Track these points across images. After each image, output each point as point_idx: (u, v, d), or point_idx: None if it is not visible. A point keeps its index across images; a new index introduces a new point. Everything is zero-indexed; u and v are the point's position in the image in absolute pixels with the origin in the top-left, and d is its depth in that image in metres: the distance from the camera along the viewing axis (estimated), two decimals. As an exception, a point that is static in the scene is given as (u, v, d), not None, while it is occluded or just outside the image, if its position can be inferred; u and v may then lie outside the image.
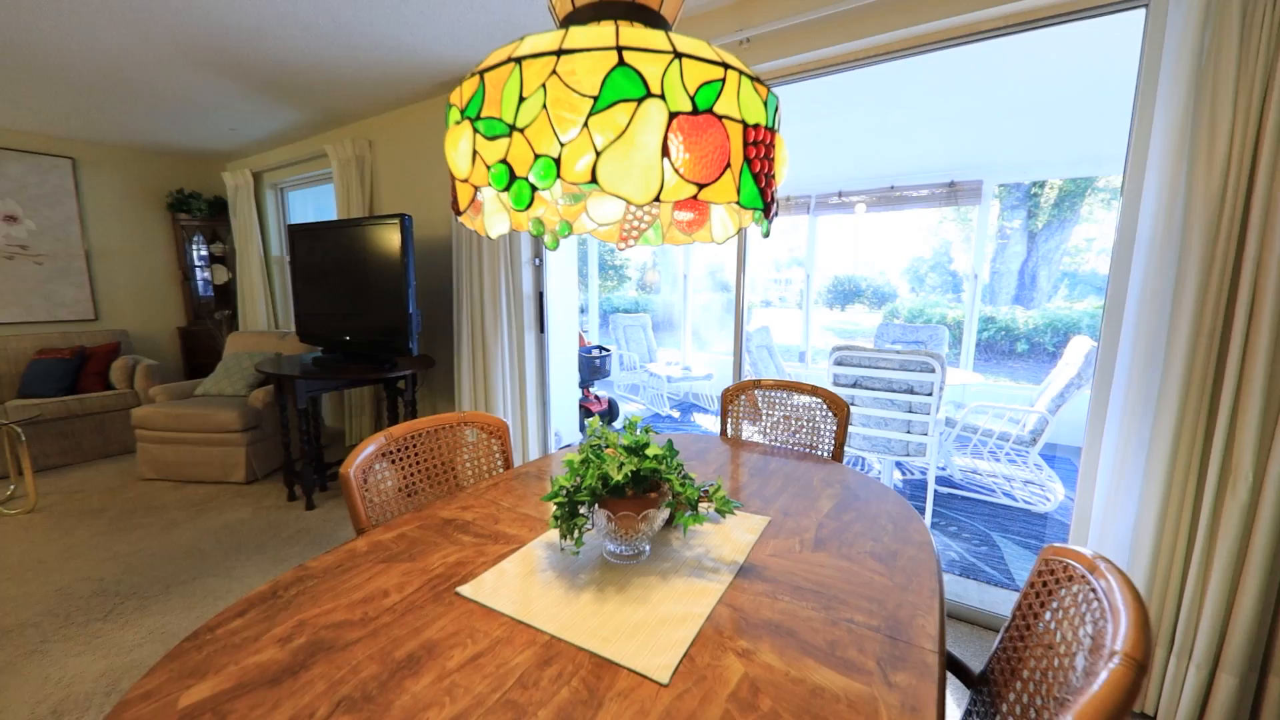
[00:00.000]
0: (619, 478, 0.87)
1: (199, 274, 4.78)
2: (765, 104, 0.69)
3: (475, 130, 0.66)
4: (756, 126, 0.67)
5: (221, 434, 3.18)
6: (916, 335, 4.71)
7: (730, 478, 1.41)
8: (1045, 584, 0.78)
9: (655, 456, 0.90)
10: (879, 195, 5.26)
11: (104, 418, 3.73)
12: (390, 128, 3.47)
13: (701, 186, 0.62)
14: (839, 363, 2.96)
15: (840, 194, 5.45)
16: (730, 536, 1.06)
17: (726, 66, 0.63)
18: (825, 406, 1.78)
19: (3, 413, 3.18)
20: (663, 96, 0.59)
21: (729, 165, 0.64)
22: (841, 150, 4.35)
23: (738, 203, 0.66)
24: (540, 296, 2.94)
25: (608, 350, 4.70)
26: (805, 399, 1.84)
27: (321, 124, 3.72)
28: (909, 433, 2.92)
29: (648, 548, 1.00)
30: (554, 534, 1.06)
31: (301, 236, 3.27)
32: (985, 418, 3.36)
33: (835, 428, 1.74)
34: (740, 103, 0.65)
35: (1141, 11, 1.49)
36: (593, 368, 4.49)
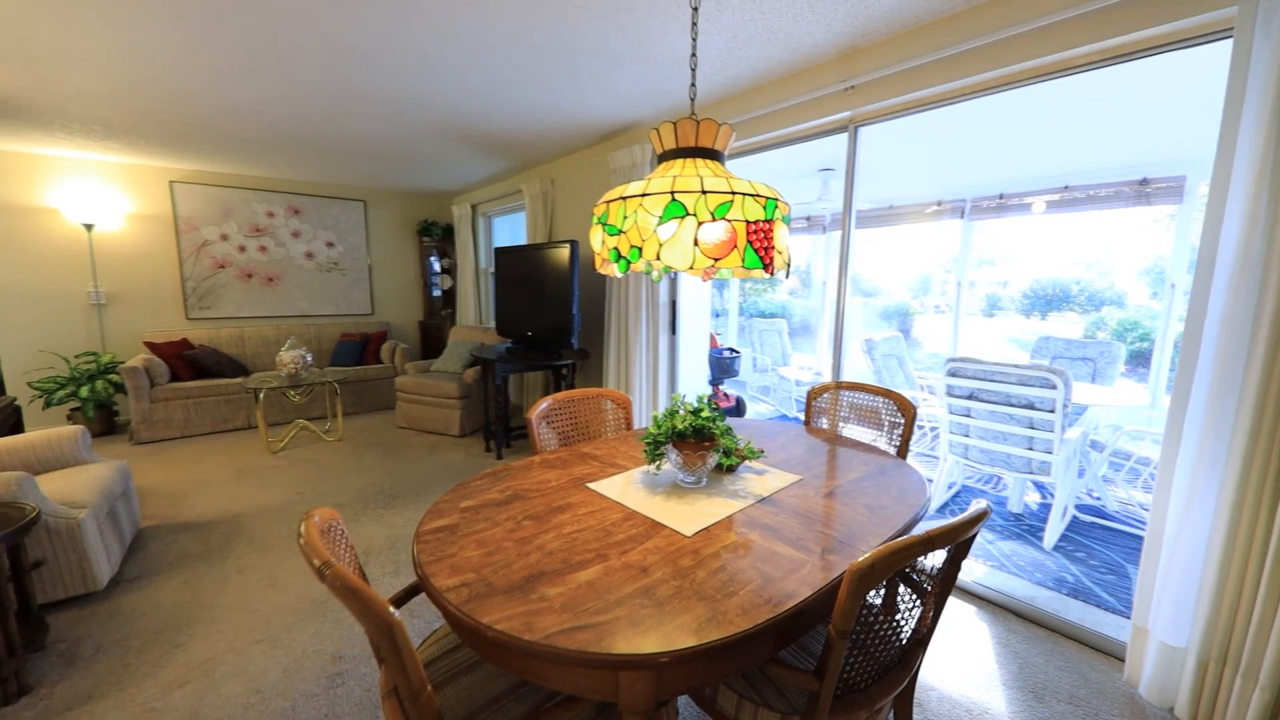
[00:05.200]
0: (682, 427, 1.40)
1: (432, 281, 6.39)
2: (765, 207, 1.17)
3: (604, 229, 1.26)
4: (756, 221, 1.15)
5: (446, 399, 4.41)
6: (1084, 352, 4.25)
7: (788, 451, 1.83)
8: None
9: (706, 418, 1.42)
10: (1051, 196, 4.81)
11: (377, 383, 5.34)
12: (566, 168, 4.40)
13: (717, 260, 1.13)
14: (952, 374, 3.03)
15: (1001, 196, 5.09)
16: (765, 483, 1.53)
17: (734, 193, 1.13)
18: (896, 408, 2.07)
19: (322, 375, 4.82)
20: (694, 215, 1.12)
21: (736, 246, 1.14)
22: (994, 156, 4.17)
23: (743, 265, 1.16)
24: (673, 304, 3.54)
25: (738, 352, 5.14)
26: (879, 400, 2.13)
27: (518, 168, 4.82)
28: (1030, 449, 2.88)
29: (705, 480, 1.52)
30: (648, 465, 1.63)
31: (502, 255, 4.36)
32: (1143, 444, 3.06)
33: (903, 427, 2.01)
34: (744, 210, 1.14)
35: (1228, 42, 1.52)
36: (722, 367, 4.97)
